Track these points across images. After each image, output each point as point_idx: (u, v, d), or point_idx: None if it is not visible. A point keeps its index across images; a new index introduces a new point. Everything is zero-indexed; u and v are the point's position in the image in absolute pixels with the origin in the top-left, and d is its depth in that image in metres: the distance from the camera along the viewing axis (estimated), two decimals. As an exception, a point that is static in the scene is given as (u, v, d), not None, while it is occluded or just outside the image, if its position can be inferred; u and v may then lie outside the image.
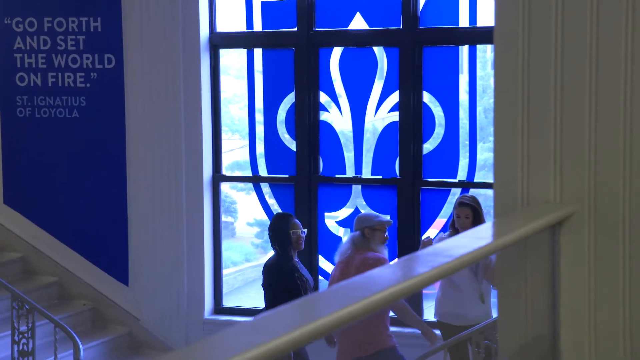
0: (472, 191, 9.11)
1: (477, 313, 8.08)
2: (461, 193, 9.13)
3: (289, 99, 9.55)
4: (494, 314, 8.02)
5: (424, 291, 9.43)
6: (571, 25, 2.82)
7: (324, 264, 9.58)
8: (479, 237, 2.60)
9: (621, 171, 2.79)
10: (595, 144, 2.81)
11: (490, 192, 8.49)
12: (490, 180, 3.00)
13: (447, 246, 2.52)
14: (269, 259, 7.83)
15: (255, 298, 10.88)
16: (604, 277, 2.81)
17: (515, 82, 2.91)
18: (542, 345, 2.88)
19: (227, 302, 9.97)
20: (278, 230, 7.65)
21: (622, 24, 2.75)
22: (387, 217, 8.31)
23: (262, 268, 7.77)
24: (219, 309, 9.84)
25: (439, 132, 9.20)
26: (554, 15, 2.83)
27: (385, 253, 7.81)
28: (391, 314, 7.84)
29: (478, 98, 9.12)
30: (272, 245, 7.78)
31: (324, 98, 9.50)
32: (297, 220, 7.83)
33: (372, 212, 8.74)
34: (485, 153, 9.50)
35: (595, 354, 2.83)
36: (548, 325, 2.88)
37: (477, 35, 8.88)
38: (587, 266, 2.83)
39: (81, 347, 7.87)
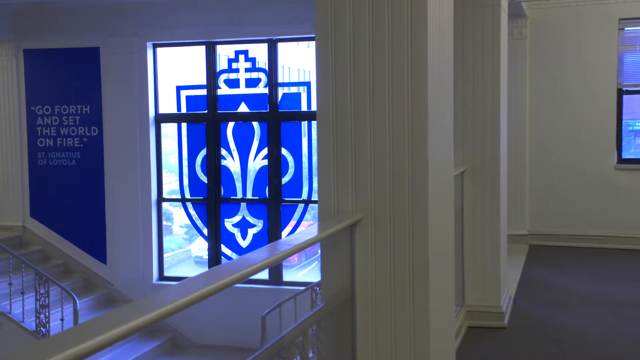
0: (310, 206, 9.18)
1: None
2: (304, 207, 9.19)
3: (203, 153, 9.45)
4: None
5: (283, 263, 9.45)
6: (359, 107, 2.87)
7: (226, 250, 9.49)
8: (309, 233, 2.59)
9: (388, 193, 2.83)
10: (373, 177, 2.84)
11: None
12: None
13: (289, 238, 2.51)
14: None
15: (186, 271, 10.70)
16: (380, 254, 2.84)
17: (329, 141, 2.92)
18: (345, 293, 2.89)
19: (167, 273, 9.76)
20: None
21: (386, 109, 2.80)
22: None
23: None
24: (162, 277, 9.64)
25: (291, 171, 9.23)
26: (349, 103, 2.87)
27: None
28: None
29: (313, 152, 9.19)
30: None
31: (223, 152, 9.44)
32: None
33: None
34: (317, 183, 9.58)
35: (374, 298, 2.86)
36: (349, 281, 2.89)
37: (311, 115, 8.98)
38: (370, 249, 2.85)
39: (78, 302, 7.79)
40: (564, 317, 5.61)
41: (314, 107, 8.99)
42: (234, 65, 9.34)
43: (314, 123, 9.03)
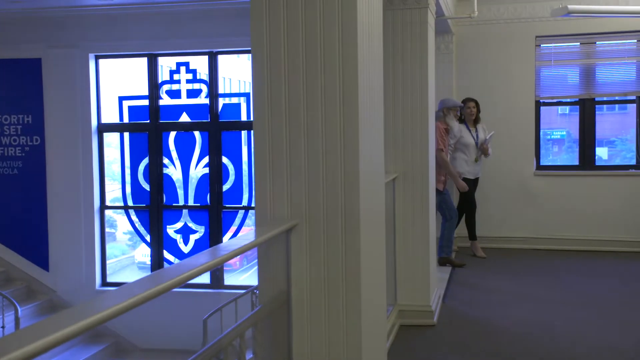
0: (251, 212, 9.14)
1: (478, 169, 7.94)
2: (245, 213, 9.14)
3: (145, 161, 9.30)
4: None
5: (225, 267, 9.38)
6: (293, 117, 2.88)
7: (168, 256, 9.35)
8: (247, 238, 2.58)
9: (321, 200, 2.85)
10: (307, 184, 2.86)
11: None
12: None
13: (228, 243, 2.49)
14: None
15: (129, 276, 10.50)
16: (314, 258, 2.85)
17: (264, 150, 2.93)
18: (282, 296, 2.89)
19: (110, 279, 9.55)
20: None
21: (319, 119, 2.81)
22: (459, 102, 7.54)
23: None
24: (105, 283, 9.43)
25: (231, 179, 9.17)
26: (284, 113, 2.88)
27: (455, 124, 7.35)
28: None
29: (253, 160, 9.14)
30: None
31: (165, 160, 9.31)
32: None
33: (450, 98, 7.65)
34: (257, 190, 9.51)
35: (309, 299, 2.87)
36: (285, 284, 2.90)
37: (251, 125, 8.90)
38: (305, 253, 2.86)
39: (20, 310, 7.45)
40: (489, 314, 5.74)
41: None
42: (176, 77, 9.25)
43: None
